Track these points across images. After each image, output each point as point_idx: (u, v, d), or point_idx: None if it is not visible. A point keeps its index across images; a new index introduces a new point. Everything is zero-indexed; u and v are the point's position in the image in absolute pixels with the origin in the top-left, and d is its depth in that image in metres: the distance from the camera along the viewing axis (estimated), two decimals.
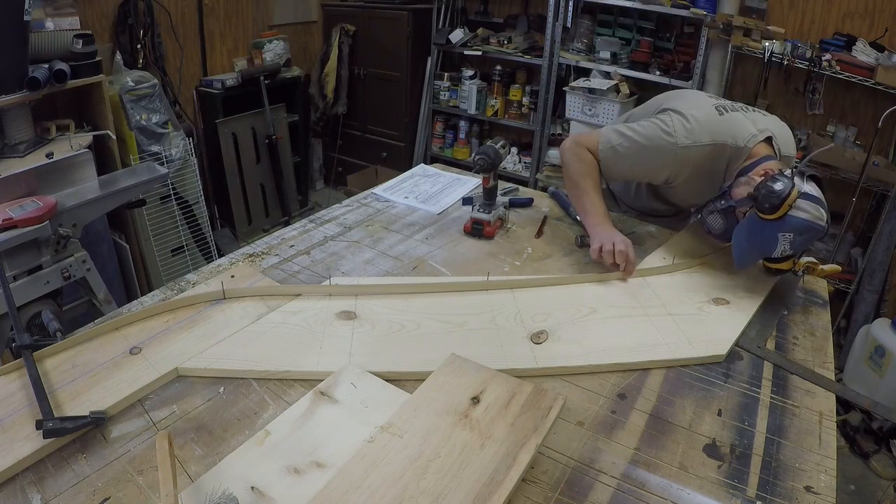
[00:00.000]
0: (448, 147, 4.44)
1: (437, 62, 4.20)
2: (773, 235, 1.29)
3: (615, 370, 1.12)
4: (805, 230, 1.27)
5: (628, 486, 0.88)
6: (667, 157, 1.45)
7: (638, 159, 1.50)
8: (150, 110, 2.96)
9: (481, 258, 1.52)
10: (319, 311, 1.23)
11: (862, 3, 3.06)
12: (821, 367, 1.19)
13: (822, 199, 1.31)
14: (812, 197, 1.29)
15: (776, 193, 1.26)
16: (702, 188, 1.53)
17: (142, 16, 3.21)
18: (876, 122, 2.81)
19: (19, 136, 2.43)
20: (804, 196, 1.27)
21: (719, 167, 1.47)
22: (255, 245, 1.53)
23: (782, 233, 1.28)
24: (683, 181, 1.52)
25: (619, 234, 1.47)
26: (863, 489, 2.39)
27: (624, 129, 1.52)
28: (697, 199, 1.57)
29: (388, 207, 1.81)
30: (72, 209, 1.67)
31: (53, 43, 2.57)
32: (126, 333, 1.12)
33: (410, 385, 1.00)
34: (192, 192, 3.25)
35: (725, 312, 1.32)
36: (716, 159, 1.45)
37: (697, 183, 1.52)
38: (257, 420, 0.96)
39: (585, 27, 3.62)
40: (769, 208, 1.27)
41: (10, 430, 0.89)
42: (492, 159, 1.55)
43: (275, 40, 3.97)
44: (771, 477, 0.91)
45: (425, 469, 0.78)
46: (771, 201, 1.26)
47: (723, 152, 1.44)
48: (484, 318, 1.24)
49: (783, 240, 1.29)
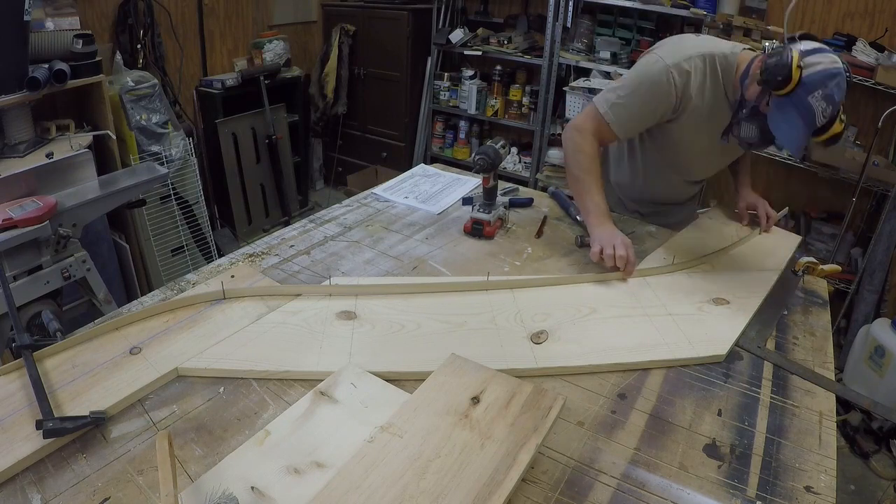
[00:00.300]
0: (448, 147, 4.44)
1: (437, 62, 4.20)
2: (804, 103, 1.25)
3: (615, 370, 1.12)
4: (828, 79, 1.23)
5: (628, 486, 0.88)
6: (663, 79, 1.45)
7: (640, 97, 1.49)
8: (150, 110, 2.96)
9: (481, 258, 1.52)
10: (319, 311, 1.23)
11: (862, 3, 3.06)
12: (821, 367, 1.19)
13: (825, 46, 1.29)
14: (814, 49, 1.27)
15: (780, 64, 1.24)
16: (713, 115, 1.51)
17: (142, 16, 3.21)
18: (876, 122, 2.81)
19: (19, 136, 2.43)
20: (806, 53, 1.25)
21: (717, 86, 1.47)
22: (255, 245, 1.53)
23: (810, 95, 1.24)
24: (692, 112, 1.50)
25: (619, 235, 1.46)
26: (863, 489, 2.39)
27: (614, 85, 1.54)
28: (712, 136, 1.54)
29: (388, 207, 1.81)
30: (72, 209, 1.68)
31: (53, 43, 2.57)
32: (126, 333, 1.12)
33: (410, 385, 1.00)
34: (192, 192, 3.25)
35: (725, 312, 1.32)
36: (709, 74, 1.46)
37: (706, 112, 1.50)
38: (257, 420, 0.96)
39: (585, 27, 3.62)
40: (782, 81, 1.25)
41: (10, 430, 0.89)
42: (492, 159, 1.55)
43: (275, 40, 3.97)
44: (771, 477, 0.91)
45: (425, 469, 0.78)
46: (780, 73, 1.25)
47: (713, 64, 1.45)
48: (484, 318, 1.24)
49: (816, 102, 1.24)
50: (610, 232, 1.48)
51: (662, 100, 1.48)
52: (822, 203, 3.42)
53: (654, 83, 1.46)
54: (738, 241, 1.67)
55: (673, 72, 1.44)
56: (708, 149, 1.62)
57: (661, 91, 1.47)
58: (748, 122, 1.41)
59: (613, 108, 1.51)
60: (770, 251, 1.64)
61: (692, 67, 1.45)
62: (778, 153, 3.18)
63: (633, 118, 1.53)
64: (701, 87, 1.48)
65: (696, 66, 1.46)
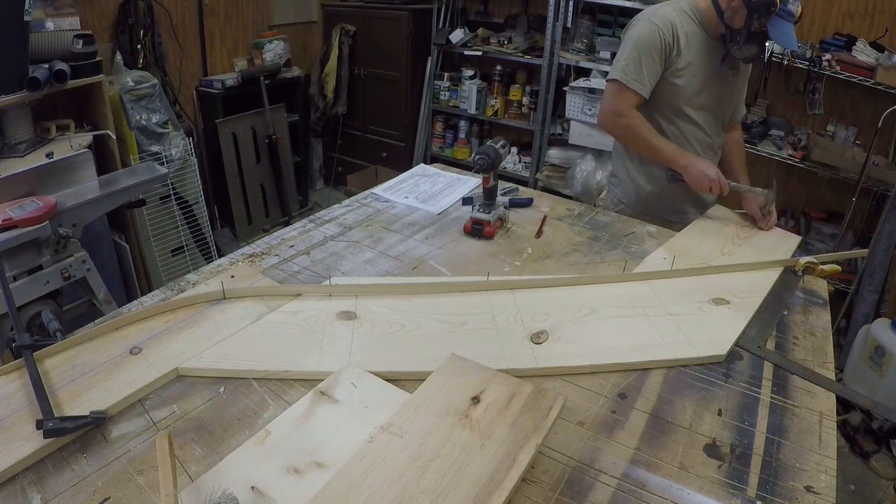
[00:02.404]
0: (448, 147, 4.44)
1: (437, 62, 4.20)
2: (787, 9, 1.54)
3: (615, 370, 1.12)
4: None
5: (628, 486, 0.88)
6: (650, 31, 1.69)
7: (640, 52, 1.70)
8: (150, 110, 2.96)
9: (481, 258, 1.52)
10: (319, 311, 1.23)
11: (862, 3, 3.06)
12: (821, 367, 1.18)
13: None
14: None
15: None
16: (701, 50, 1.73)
17: (142, 16, 3.21)
18: (876, 122, 2.80)
19: (19, 136, 2.43)
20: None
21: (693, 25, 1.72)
22: (255, 245, 1.52)
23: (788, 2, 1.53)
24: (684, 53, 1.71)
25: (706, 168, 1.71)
26: (863, 489, 2.39)
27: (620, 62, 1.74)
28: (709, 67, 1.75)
29: (388, 207, 1.81)
30: (72, 209, 1.67)
31: (53, 43, 2.57)
32: (126, 333, 1.12)
33: (410, 385, 1.00)
34: (192, 192, 3.25)
35: (725, 312, 1.32)
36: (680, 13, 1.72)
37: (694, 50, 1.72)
38: (257, 420, 0.96)
39: (585, 27, 3.62)
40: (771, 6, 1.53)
41: (10, 430, 0.89)
42: (492, 159, 1.55)
43: (275, 40, 3.98)
44: (771, 477, 0.91)
45: (425, 469, 0.78)
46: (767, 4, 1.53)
47: (681, 10, 1.72)
48: (484, 318, 1.24)
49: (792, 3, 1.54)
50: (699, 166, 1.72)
51: (658, 46, 1.70)
52: (822, 203, 3.43)
53: (646, 36, 1.70)
54: (738, 241, 1.67)
55: (655, 21, 1.69)
56: (711, 81, 1.78)
57: (653, 40, 1.69)
58: (747, 44, 1.65)
59: (625, 71, 1.72)
60: (770, 251, 1.64)
61: (667, 13, 1.71)
62: (778, 153, 3.18)
63: (643, 72, 1.71)
64: (682, 29, 1.71)
65: (669, 13, 1.71)
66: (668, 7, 1.73)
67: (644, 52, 1.69)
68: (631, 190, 1.98)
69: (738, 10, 1.60)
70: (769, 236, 1.74)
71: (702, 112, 1.82)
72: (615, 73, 1.74)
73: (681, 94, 1.78)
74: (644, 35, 1.70)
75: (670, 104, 1.81)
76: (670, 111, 1.82)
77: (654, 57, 1.70)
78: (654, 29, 1.68)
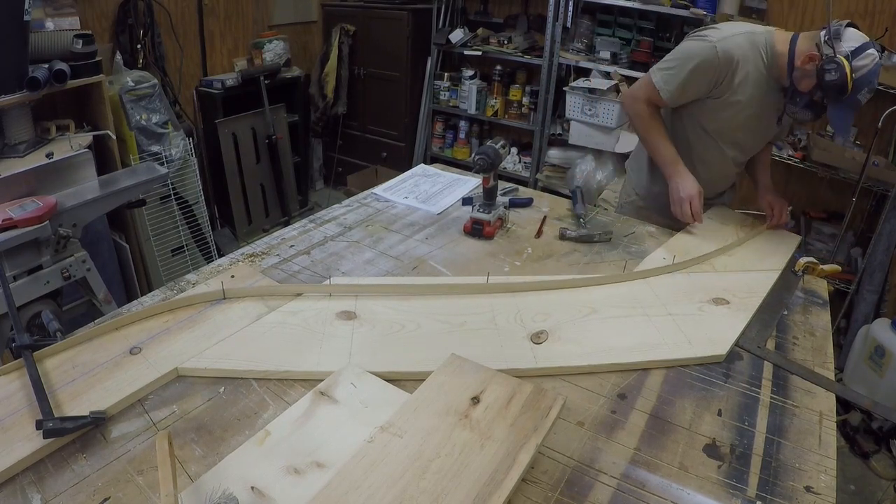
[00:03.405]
0: (448, 147, 4.44)
1: (437, 62, 4.20)
2: (855, 100, 1.46)
3: (615, 370, 1.12)
4: (872, 76, 1.42)
5: (628, 486, 0.88)
6: (709, 55, 1.59)
7: (687, 69, 1.63)
8: (150, 110, 2.96)
9: (481, 258, 1.52)
10: (319, 311, 1.23)
11: (862, 3, 3.05)
12: (821, 367, 1.19)
13: (863, 34, 1.46)
14: (858, 48, 1.43)
15: (839, 82, 1.41)
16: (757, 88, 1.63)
17: (142, 16, 3.21)
18: (876, 122, 2.80)
19: (19, 136, 2.43)
20: (853, 55, 1.42)
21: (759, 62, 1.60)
22: (255, 245, 1.53)
23: (859, 93, 1.44)
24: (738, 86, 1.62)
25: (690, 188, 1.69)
26: (863, 489, 2.39)
27: (666, 63, 1.69)
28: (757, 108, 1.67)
29: (388, 207, 1.81)
30: (72, 209, 1.67)
31: (53, 43, 2.57)
32: (126, 333, 1.12)
33: (410, 385, 1.00)
34: (192, 192, 3.25)
35: (725, 312, 1.32)
36: (751, 48, 1.59)
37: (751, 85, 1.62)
38: (257, 420, 0.96)
39: (585, 27, 3.62)
40: (841, 93, 1.43)
41: (10, 430, 0.89)
42: (492, 159, 1.55)
43: (275, 40, 3.97)
44: (771, 477, 0.91)
45: (425, 469, 0.78)
46: (838, 89, 1.42)
47: (754, 42, 1.60)
48: (484, 317, 1.24)
49: (862, 95, 1.46)
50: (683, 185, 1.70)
51: (708, 73, 1.62)
52: (822, 203, 3.42)
53: (701, 58, 1.61)
54: (738, 241, 1.67)
55: (718, 48, 1.58)
56: (755, 122, 1.72)
57: (706, 65, 1.61)
58: (804, 108, 1.58)
59: (663, 75, 1.68)
60: (770, 251, 1.64)
61: (735, 45, 1.59)
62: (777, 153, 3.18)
63: (679, 86, 1.67)
64: (744, 67, 1.60)
65: (739, 45, 1.59)
66: (744, 37, 1.60)
67: (690, 70, 1.62)
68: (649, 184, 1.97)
69: (809, 76, 1.50)
70: (769, 236, 1.74)
71: (733, 147, 1.78)
72: (657, 73, 1.70)
73: (718, 126, 1.74)
74: (701, 57, 1.60)
75: (705, 129, 1.77)
76: (703, 134, 1.78)
77: (698, 79, 1.64)
78: (713, 56, 1.58)
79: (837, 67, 1.41)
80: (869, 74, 1.41)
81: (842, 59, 1.41)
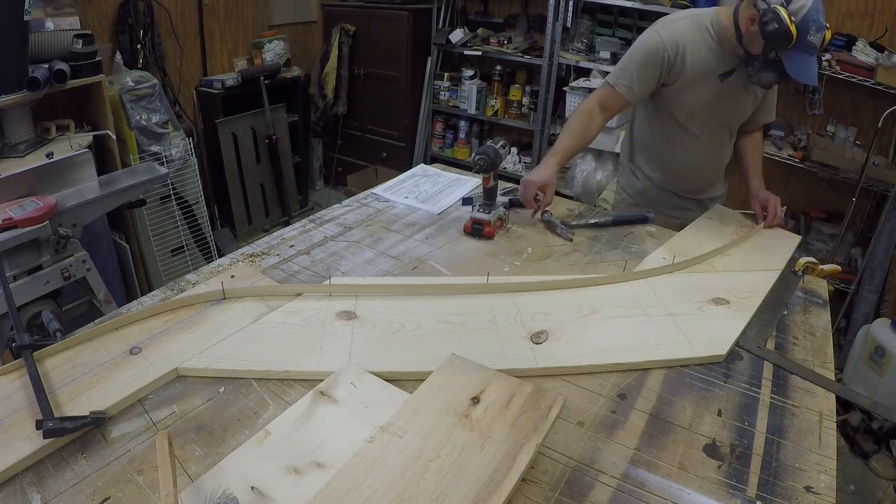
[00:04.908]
0: (448, 147, 4.44)
1: (437, 62, 4.20)
2: (806, 43, 1.43)
3: (615, 370, 1.12)
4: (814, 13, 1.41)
5: (628, 486, 0.88)
6: (654, 43, 1.66)
7: (637, 61, 1.69)
8: (150, 110, 2.96)
9: (481, 258, 1.52)
10: (319, 311, 1.23)
11: (862, 3, 3.06)
12: (821, 367, 1.18)
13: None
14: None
15: (780, 31, 1.42)
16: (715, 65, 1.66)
17: (142, 16, 3.21)
18: (876, 122, 2.80)
19: (19, 136, 2.43)
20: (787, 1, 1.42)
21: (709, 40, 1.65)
22: (255, 245, 1.53)
23: (808, 34, 1.42)
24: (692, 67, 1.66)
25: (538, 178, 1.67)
26: (863, 489, 2.39)
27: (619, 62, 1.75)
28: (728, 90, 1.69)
29: (388, 207, 1.81)
30: (72, 209, 1.67)
31: (53, 43, 2.57)
32: (126, 333, 1.12)
33: (410, 385, 1.00)
34: (192, 192, 3.25)
35: (725, 312, 1.32)
36: (696, 29, 1.65)
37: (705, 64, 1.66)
38: (257, 420, 0.96)
39: (585, 27, 3.62)
40: (786, 41, 1.43)
41: (10, 430, 0.89)
42: (492, 159, 1.55)
43: (275, 40, 3.97)
44: (771, 477, 0.91)
45: (425, 469, 0.78)
46: (783, 36, 1.43)
47: (700, 22, 1.66)
48: (484, 317, 1.24)
49: (812, 36, 1.43)
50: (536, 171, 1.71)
51: (657, 61, 1.67)
52: (822, 203, 3.42)
53: (647, 46, 1.68)
54: (738, 240, 1.67)
55: (662, 34, 1.65)
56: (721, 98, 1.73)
57: (654, 53, 1.66)
58: (764, 70, 1.58)
59: (617, 73, 1.74)
60: (770, 251, 1.64)
61: (682, 28, 1.66)
62: (777, 153, 3.18)
63: (632, 79, 1.71)
64: (692, 47, 1.65)
65: (686, 27, 1.66)
66: (687, 21, 1.67)
67: (639, 60, 1.68)
68: (634, 181, 2.01)
69: (756, 36, 1.51)
70: (769, 236, 1.74)
71: (708, 127, 1.80)
72: (612, 72, 1.76)
73: (688, 111, 1.76)
74: (646, 44, 1.68)
75: (674, 117, 1.80)
76: (674, 124, 1.81)
77: (649, 67, 1.68)
78: (658, 41, 1.65)
79: (775, 16, 1.42)
80: (810, 13, 1.41)
81: (777, 7, 1.42)
